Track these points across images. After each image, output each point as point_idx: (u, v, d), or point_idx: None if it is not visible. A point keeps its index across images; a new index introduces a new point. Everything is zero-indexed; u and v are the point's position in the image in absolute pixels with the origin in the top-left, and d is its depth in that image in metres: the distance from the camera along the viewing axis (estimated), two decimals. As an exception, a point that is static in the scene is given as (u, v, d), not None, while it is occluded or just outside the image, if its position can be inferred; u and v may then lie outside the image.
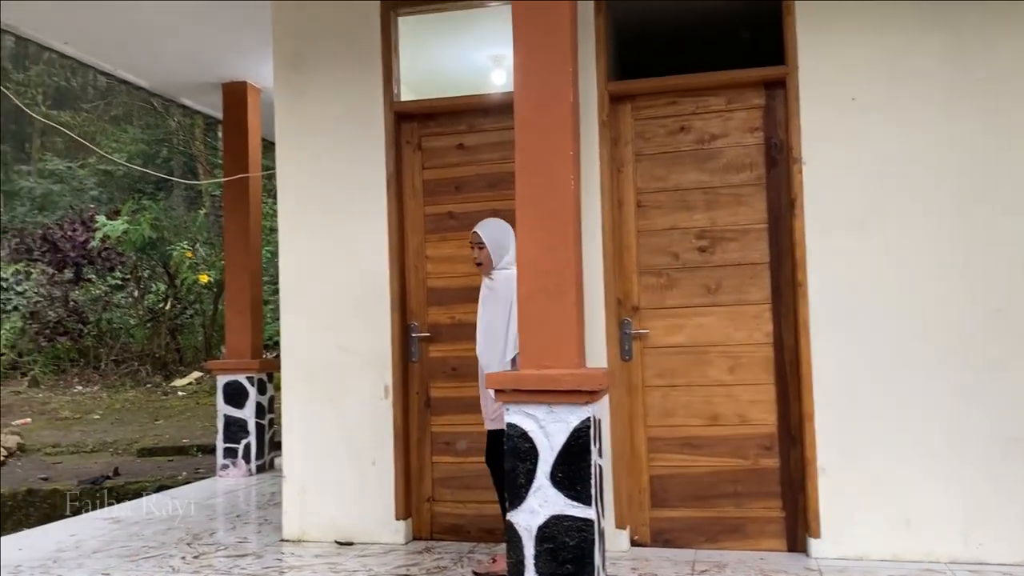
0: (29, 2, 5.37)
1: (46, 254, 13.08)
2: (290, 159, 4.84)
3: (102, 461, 8.51)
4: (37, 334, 13.21)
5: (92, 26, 5.85)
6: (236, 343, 7.01)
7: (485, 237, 3.94)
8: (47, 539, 4.95)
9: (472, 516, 4.58)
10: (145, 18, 5.69)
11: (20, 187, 20.81)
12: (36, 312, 13.25)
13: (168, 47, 6.25)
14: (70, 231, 13.15)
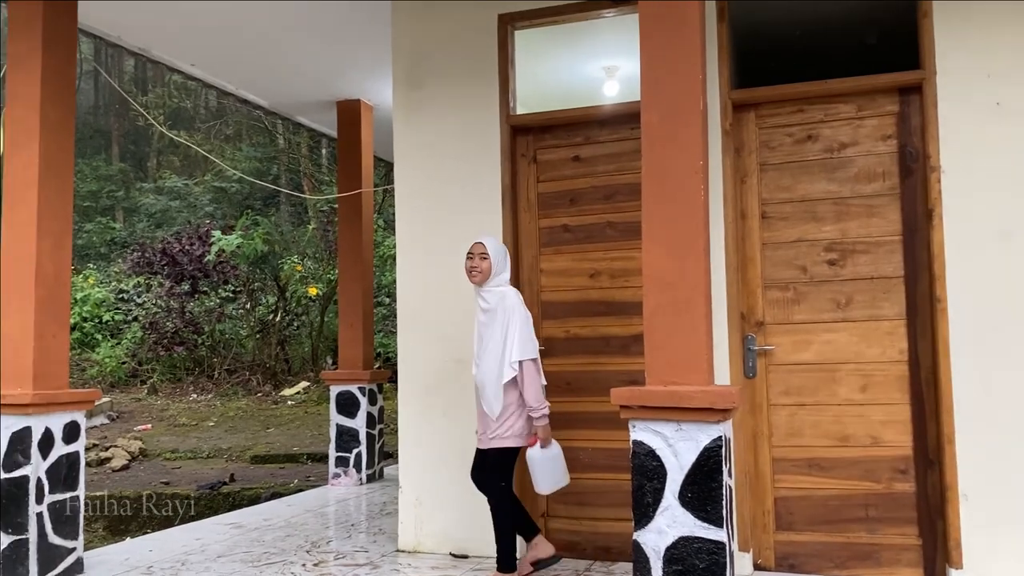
0: (160, 26, 5.64)
1: (165, 267, 13.71)
2: (407, 175, 4.91)
3: (217, 467, 8.81)
4: (155, 344, 13.83)
5: (217, 48, 6.12)
6: (348, 355, 7.15)
7: (490, 248, 4.03)
8: (174, 542, 5.13)
9: (587, 533, 4.50)
10: (268, 40, 5.90)
11: (140, 203, 21.96)
12: (155, 323, 13.88)
13: (288, 67, 6.46)
14: (187, 245, 13.75)
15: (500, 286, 4.03)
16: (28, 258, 4.33)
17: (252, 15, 5.48)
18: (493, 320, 3.97)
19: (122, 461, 8.86)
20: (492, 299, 3.99)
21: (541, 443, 3.92)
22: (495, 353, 3.93)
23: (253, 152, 20.67)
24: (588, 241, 4.57)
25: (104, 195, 21.93)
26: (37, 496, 4.17)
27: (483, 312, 4.03)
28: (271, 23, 5.61)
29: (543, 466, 3.94)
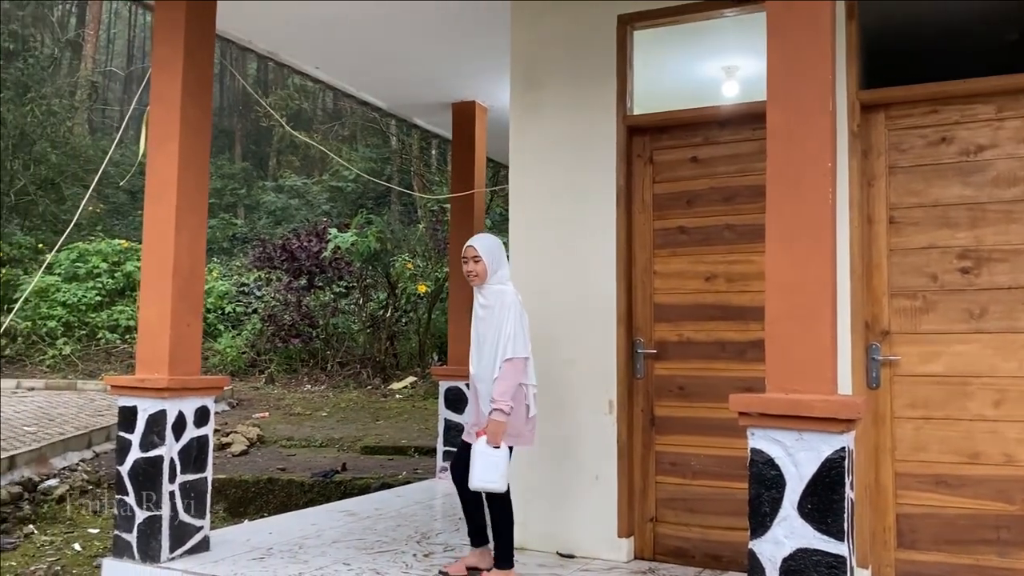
0: (289, 31, 5.89)
1: (284, 262, 14.27)
2: (521, 174, 4.96)
3: (330, 456, 9.11)
4: (273, 335, 14.42)
5: (342, 52, 6.34)
6: (457, 351, 7.27)
7: (481, 250, 4.08)
8: (291, 526, 5.34)
9: (697, 540, 4.44)
10: (390, 44, 6.07)
11: (261, 201, 22.95)
12: (273, 315, 14.46)
13: (407, 70, 6.63)
14: (305, 242, 14.27)
15: (499, 284, 4.11)
16: (167, 251, 4.59)
17: (377, 21, 5.65)
18: (491, 316, 4.04)
19: (242, 447, 9.28)
20: (491, 297, 4.07)
21: (488, 437, 3.90)
22: (491, 350, 4.01)
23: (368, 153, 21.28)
24: (705, 243, 4.50)
25: (227, 192, 23.02)
26: (170, 475, 4.42)
27: (481, 308, 4.11)
28: (394, 28, 5.77)
29: (481, 461, 3.88)
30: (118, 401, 4.54)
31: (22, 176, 19.08)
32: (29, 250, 17.45)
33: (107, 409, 10.70)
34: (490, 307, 4.07)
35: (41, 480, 7.61)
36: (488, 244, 4.14)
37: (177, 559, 4.38)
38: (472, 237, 4.26)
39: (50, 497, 7.40)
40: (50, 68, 22.19)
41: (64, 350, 14.99)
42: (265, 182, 25.13)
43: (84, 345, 15.28)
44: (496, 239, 4.24)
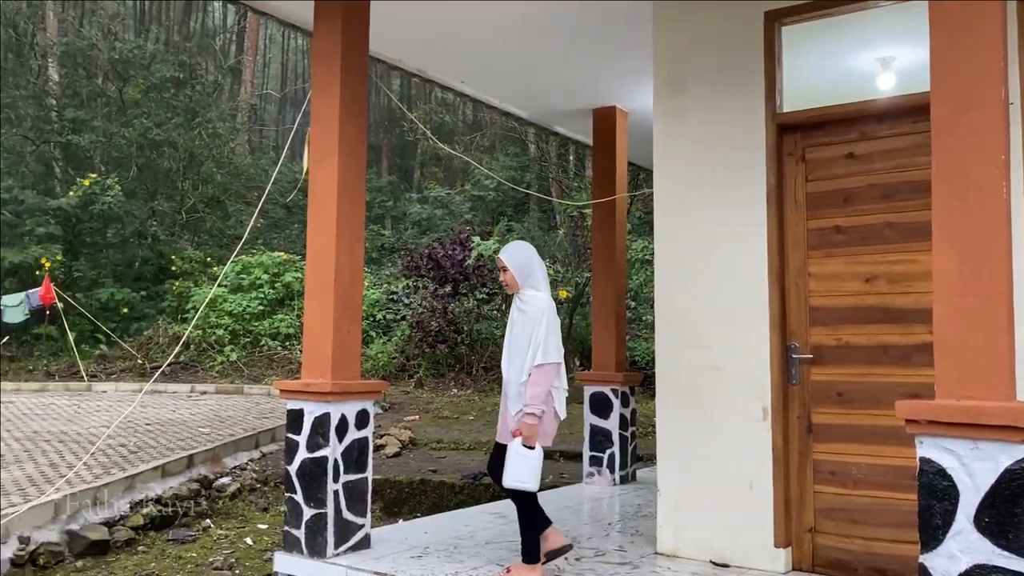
0: (437, 50, 6.10)
1: (430, 270, 14.75)
2: (667, 177, 4.92)
3: (478, 459, 9.31)
4: (421, 341, 14.92)
5: (486, 67, 6.51)
6: (601, 356, 7.28)
7: (508, 261, 4.24)
8: (445, 526, 5.51)
9: (859, 552, 4.25)
10: (532, 56, 6.19)
11: (407, 212, 23.77)
12: (420, 322, 14.97)
13: (548, 80, 6.72)
14: (450, 250, 14.69)
15: (533, 290, 4.23)
16: (329, 262, 4.85)
17: (519, 34, 5.77)
18: (524, 321, 4.16)
19: (395, 448, 9.65)
20: (525, 303, 4.21)
21: (523, 440, 4.05)
22: (521, 353, 4.13)
23: (508, 161, 21.63)
24: (863, 243, 4.31)
25: (375, 205, 23.99)
26: (334, 475, 4.67)
27: (517, 312, 4.24)
28: (536, 39, 5.87)
29: (515, 460, 4.06)
30: (286, 405, 4.84)
31: (192, 195, 20.66)
32: (199, 264, 18.85)
33: (271, 412, 11.40)
34: (524, 312, 4.20)
35: (215, 478, 8.19)
36: (516, 254, 4.31)
37: (342, 555, 4.62)
38: (503, 248, 4.43)
39: (223, 494, 7.96)
40: (214, 94, 23.89)
41: (231, 357, 16.08)
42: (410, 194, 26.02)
43: (249, 352, 16.34)
44: (525, 247, 4.40)
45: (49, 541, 6.08)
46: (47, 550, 5.99)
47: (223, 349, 16.28)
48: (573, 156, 20.94)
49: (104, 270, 18.13)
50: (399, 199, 25.54)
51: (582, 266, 14.60)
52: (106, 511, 6.75)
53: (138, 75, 21.06)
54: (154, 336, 16.91)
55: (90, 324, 16.62)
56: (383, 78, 27.30)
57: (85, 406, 12.06)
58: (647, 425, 10.19)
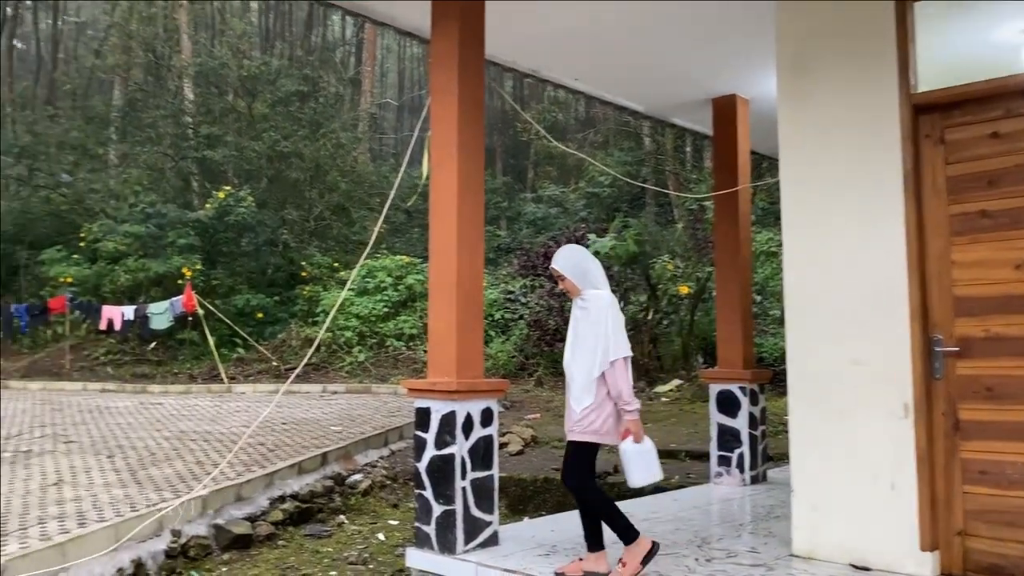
0: (551, 49, 6.11)
1: (547, 269, 14.79)
2: (793, 166, 4.75)
3: (603, 458, 9.25)
4: (539, 340, 14.98)
5: (600, 63, 6.45)
6: (727, 353, 7.10)
7: (562, 268, 4.26)
8: (571, 524, 5.48)
9: (1016, 557, 3.97)
10: (648, 49, 6.10)
11: (522, 212, 23.94)
12: (538, 320, 15.03)
13: (664, 71, 6.61)
14: (566, 248, 14.69)
15: (594, 288, 4.24)
16: (450, 263, 4.93)
17: (634, 26, 5.70)
18: (588, 318, 4.16)
19: (518, 446, 9.72)
20: (589, 301, 4.21)
21: (633, 437, 4.13)
22: (588, 349, 4.11)
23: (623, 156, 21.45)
24: (1013, 227, 4.03)
25: (491, 206, 24.28)
26: (461, 472, 4.74)
27: (579, 309, 4.25)
28: (651, 31, 5.78)
29: (635, 460, 4.15)
30: (414, 403, 4.95)
31: (318, 204, 21.48)
32: (327, 269, 19.59)
33: (398, 410, 11.71)
34: (587, 310, 4.21)
35: (348, 475, 8.49)
36: (567, 261, 4.32)
37: (471, 551, 4.69)
38: (554, 257, 4.43)
39: (356, 490, 8.24)
40: (336, 105, 24.77)
41: (359, 357, 16.64)
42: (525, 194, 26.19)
43: (375, 352, 16.86)
44: (576, 250, 4.43)
45: (198, 535, 6.44)
46: (196, 543, 6.36)
47: (351, 350, 16.85)
48: (691, 147, 20.54)
49: (240, 278, 19.10)
50: (514, 199, 25.74)
51: (703, 260, 14.29)
52: (248, 507, 7.10)
53: (265, 90, 22.08)
54: (287, 339, 17.69)
55: (228, 329, 17.55)
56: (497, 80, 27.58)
57: (226, 407, 12.74)
58: (777, 424, 9.87)
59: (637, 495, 7.48)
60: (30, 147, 21.57)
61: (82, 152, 23.12)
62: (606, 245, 13.08)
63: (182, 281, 17.32)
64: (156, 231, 18.15)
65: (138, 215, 18.49)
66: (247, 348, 17.61)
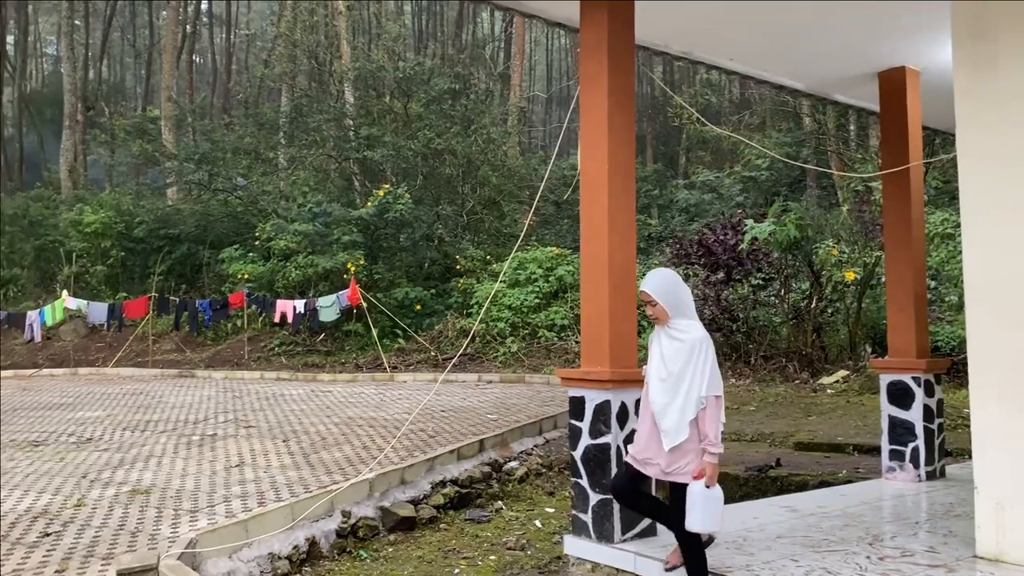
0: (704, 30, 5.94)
1: (701, 257, 14.45)
2: (974, 138, 4.40)
3: (762, 451, 8.98)
4: (695, 330, 14.65)
5: (756, 41, 6.21)
6: (899, 341, 6.68)
7: (655, 293, 4.03)
8: (732, 518, 5.34)
9: None
10: (808, 23, 5.81)
11: (674, 199, 23.51)
12: (694, 310, 14.71)
13: (826, 45, 6.28)
14: (721, 235, 14.29)
15: (686, 319, 4.04)
16: (602, 252, 4.91)
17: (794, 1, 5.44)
18: (683, 351, 3.96)
19: (673, 438, 9.57)
20: (683, 333, 4.00)
21: (707, 481, 3.85)
22: (686, 385, 3.91)
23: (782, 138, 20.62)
24: None
25: (641, 194, 24.00)
26: (617, 461, 4.72)
27: (671, 340, 4.03)
28: (813, 5, 5.50)
29: (702, 504, 3.85)
30: (568, 392, 4.97)
31: (471, 198, 21.98)
32: (480, 261, 20.02)
33: (551, 400, 11.82)
34: (681, 341, 4.00)
35: (504, 462, 8.65)
36: (660, 285, 4.08)
37: (629, 541, 4.67)
38: (644, 279, 4.16)
39: (512, 477, 8.38)
40: (486, 101, 25.22)
41: (512, 348, 16.91)
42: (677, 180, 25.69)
43: (527, 343, 17.08)
44: (669, 275, 4.17)
45: (366, 516, 6.76)
46: (365, 524, 6.68)
47: (504, 341, 17.16)
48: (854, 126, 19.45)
49: (399, 272, 19.86)
50: (665, 187, 25.31)
51: (870, 244, 13.51)
52: (411, 490, 7.38)
53: (419, 90, 22.78)
54: (444, 330, 18.24)
55: (389, 321, 18.30)
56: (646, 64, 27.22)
57: (389, 394, 13.29)
58: (955, 417, 9.22)
59: (801, 489, 7.21)
60: (209, 154, 23.28)
61: (255, 157, 24.72)
62: (764, 230, 12.62)
63: (347, 276, 18.20)
64: (323, 229, 19.15)
65: (306, 214, 19.57)
66: (407, 339, 18.29)
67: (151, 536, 5.71)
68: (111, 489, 7.09)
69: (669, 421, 3.97)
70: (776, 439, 9.49)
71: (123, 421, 11.03)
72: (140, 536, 5.73)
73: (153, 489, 7.04)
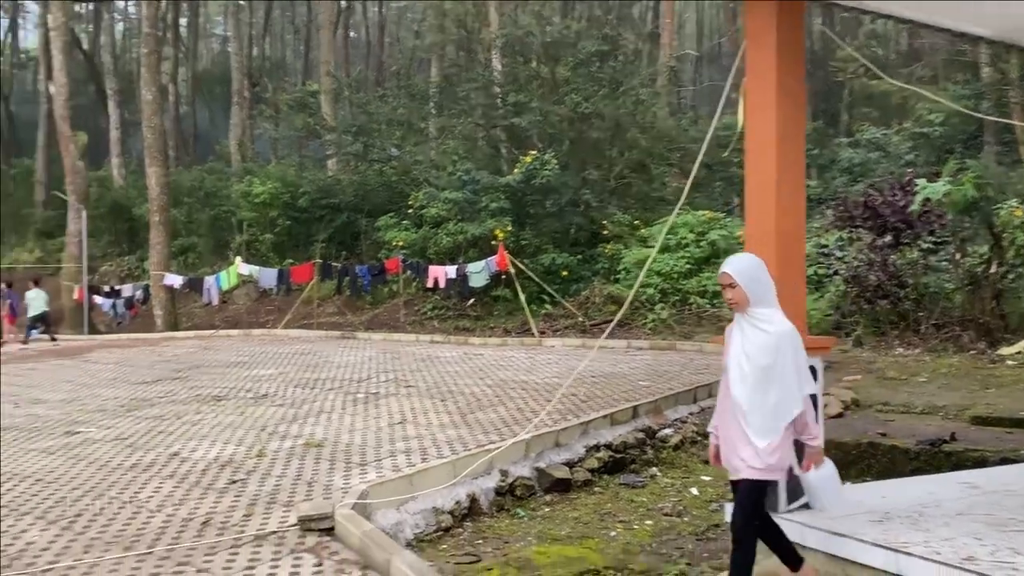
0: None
1: (867, 220, 13.68)
2: None
3: (934, 424, 8.48)
4: (857, 297, 13.96)
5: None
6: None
7: (736, 275, 3.83)
8: (905, 492, 5.12)
9: None
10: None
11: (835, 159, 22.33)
12: (856, 276, 13.98)
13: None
14: (889, 196, 13.46)
15: (769, 308, 3.86)
16: (768, 214, 4.75)
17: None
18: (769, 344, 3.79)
19: (836, 409, 9.20)
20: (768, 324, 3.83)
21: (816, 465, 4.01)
22: (777, 384, 3.77)
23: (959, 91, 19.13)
24: None
25: (800, 155, 22.92)
26: (783, 431, 4.59)
27: (757, 332, 3.83)
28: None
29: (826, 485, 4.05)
30: (731, 359, 4.86)
31: (618, 162, 21.74)
32: (627, 227, 19.83)
33: (706, 368, 11.61)
34: (767, 333, 3.83)
35: (658, 429, 8.60)
36: (743, 267, 3.86)
37: (795, 512, 4.55)
38: (725, 261, 3.94)
39: (667, 444, 8.34)
40: (634, 61, 24.77)
41: (661, 315, 16.72)
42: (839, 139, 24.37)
43: (678, 310, 16.83)
44: (753, 259, 3.96)
45: (523, 476, 6.93)
46: (522, 483, 6.84)
47: (654, 307, 16.97)
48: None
49: (545, 237, 19.98)
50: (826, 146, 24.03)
51: (1066, 205, 12.38)
52: (566, 453, 7.49)
53: (567, 54, 22.61)
54: (591, 296, 18.24)
55: (537, 287, 18.49)
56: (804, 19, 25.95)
57: (538, 359, 13.48)
58: None
59: (980, 465, 6.78)
60: (365, 126, 24.15)
61: (407, 127, 25.44)
62: (938, 191, 11.79)
63: (495, 242, 18.50)
64: (471, 196, 19.52)
65: (456, 182, 20.00)
66: (554, 304, 18.44)
67: (325, 486, 6.09)
68: (288, 441, 7.60)
69: (759, 417, 3.80)
70: (949, 412, 8.93)
71: (294, 379, 11.77)
72: (315, 486, 6.12)
73: (325, 443, 7.49)
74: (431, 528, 5.92)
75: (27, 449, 7.75)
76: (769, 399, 3.77)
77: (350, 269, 20.95)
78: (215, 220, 26.77)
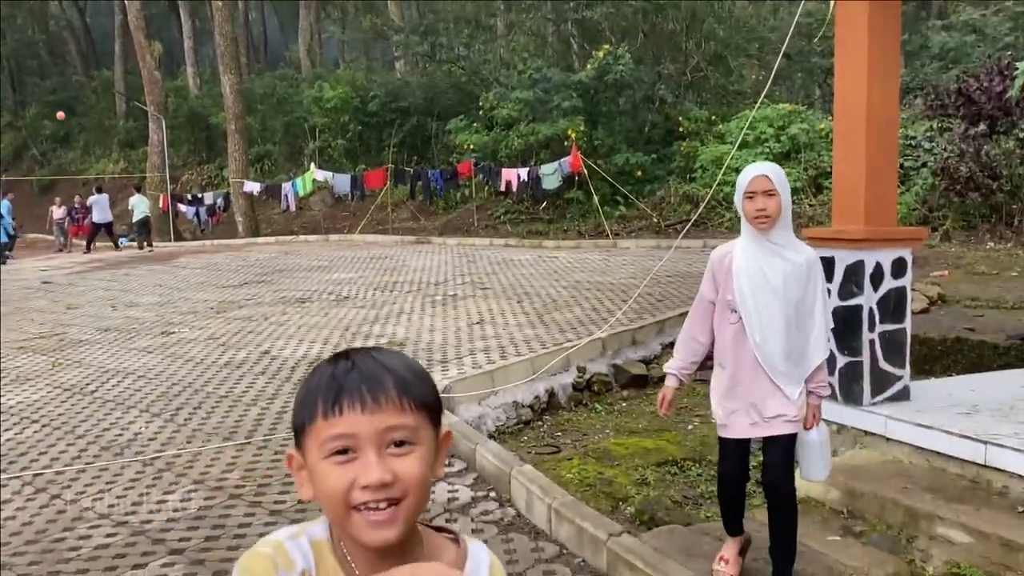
0: None
1: (960, 108, 12.95)
2: None
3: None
4: (947, 189, 13.35)
5: None
6: None
7: (777, 182, 3.16)
8: (995, 386, 5.02)
9: None
10: None
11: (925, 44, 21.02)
12: (947, 168, 13.34)
13: None
14: (985, 82, 12.68)
15: (788, 231, 3.26)
16: (859, 102, 4.54)
17: None
18: (800, 276, 3.20)
19: (921, 304, 8.94)
20: (795, 252, 3.25)
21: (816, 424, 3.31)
22: (810, 321, 3.22)
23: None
24: None
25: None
26: (869, 324, 4.51)
27: (783, 261, 3.20)
28: None
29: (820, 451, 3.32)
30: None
31: (695, 55, 20.93)
32: (703, 123, 19.24)
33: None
34: (795, 264, 3.21)
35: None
36: (782, 174, 3.22)
37: (879, 404, 4.51)
38: (755, 165, 3.31)
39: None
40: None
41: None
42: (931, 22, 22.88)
43: (756, 207, 16.39)
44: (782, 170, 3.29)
45: (600, 372, 7.02)
46: (598, 379, 6.94)
47: (731, 206, 16.60)
48: None
49: (619, 136, 19.56)
50: (914, 31, 22.61)
51: None
52: (642, 350, 7.53)
53: (640, -60, 21.60)
54: (666, 196, 17.93)
55: (610, 188, 18.23)
56: None
57: (613, 260, 13.43)
58: None
59: None
60: (432, 25, 23.75)
61: (475, 25, 24.92)
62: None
63: (567, 143, 18.22)
64: (543, 95, 19.15)
65: (526, 81, 19.61)
66: (628, 205, 18.20)
67: (409, 382, 6.29)
68: (371, 340, 7.84)
69: (792, 365, 3.19)
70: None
71: (373, 282, 12.04)
72: (400, 382, 6.32)
73: (407, 342, 7.70)
74: (512, 421, 6.09)
75: (128, 348, 8.20)
76: (803, 339, 3.21)
77: (422, 174, 21.00)
78: (288, 127, 27.03)
